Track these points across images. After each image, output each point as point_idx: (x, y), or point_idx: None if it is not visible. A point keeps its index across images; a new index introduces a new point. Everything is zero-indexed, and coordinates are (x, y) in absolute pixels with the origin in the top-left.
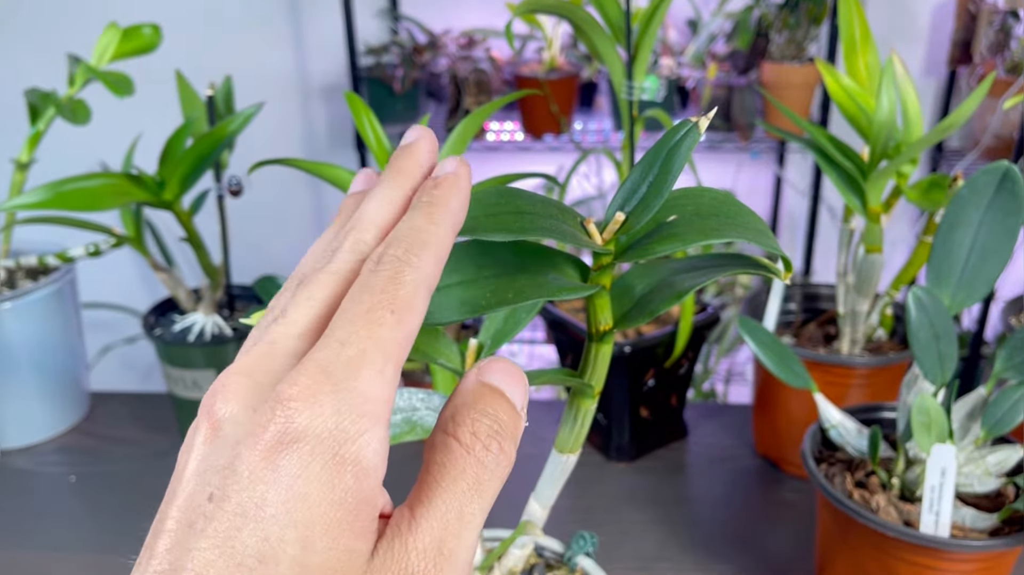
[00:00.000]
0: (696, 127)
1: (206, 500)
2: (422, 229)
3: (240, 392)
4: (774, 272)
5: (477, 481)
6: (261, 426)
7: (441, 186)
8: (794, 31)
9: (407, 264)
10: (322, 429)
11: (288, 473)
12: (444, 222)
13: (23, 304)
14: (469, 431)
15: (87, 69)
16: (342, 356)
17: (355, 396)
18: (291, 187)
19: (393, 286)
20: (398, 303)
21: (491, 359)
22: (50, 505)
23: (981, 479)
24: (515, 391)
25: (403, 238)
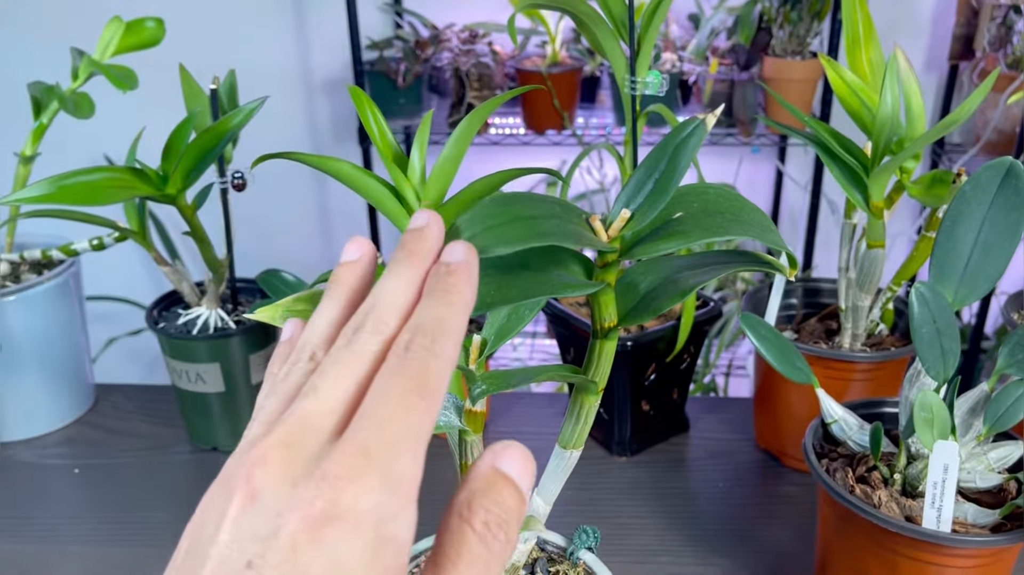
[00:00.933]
0: (703, 124)
1: (244, 566)
2: (443, 319)
3: (281, 465)
4: (779, 269)
5: (487, 566)
6: (307, 501)
7: (455, 274)
8: (796, 26)
9: (433, 354)
10: (366, 508)
11: (332, 547)
12: (461, 310)
13: (27, 297)
14: (482, 520)
15: (91, 63)
16: (382, 439)
17: (394, 477)
18: (294, 182)
19: (423, 375)
20: (427, 390)
21: (505, 445)
22: (54, 497)
23: (983, 475)
24: (524, 478)
25: (428, 329)
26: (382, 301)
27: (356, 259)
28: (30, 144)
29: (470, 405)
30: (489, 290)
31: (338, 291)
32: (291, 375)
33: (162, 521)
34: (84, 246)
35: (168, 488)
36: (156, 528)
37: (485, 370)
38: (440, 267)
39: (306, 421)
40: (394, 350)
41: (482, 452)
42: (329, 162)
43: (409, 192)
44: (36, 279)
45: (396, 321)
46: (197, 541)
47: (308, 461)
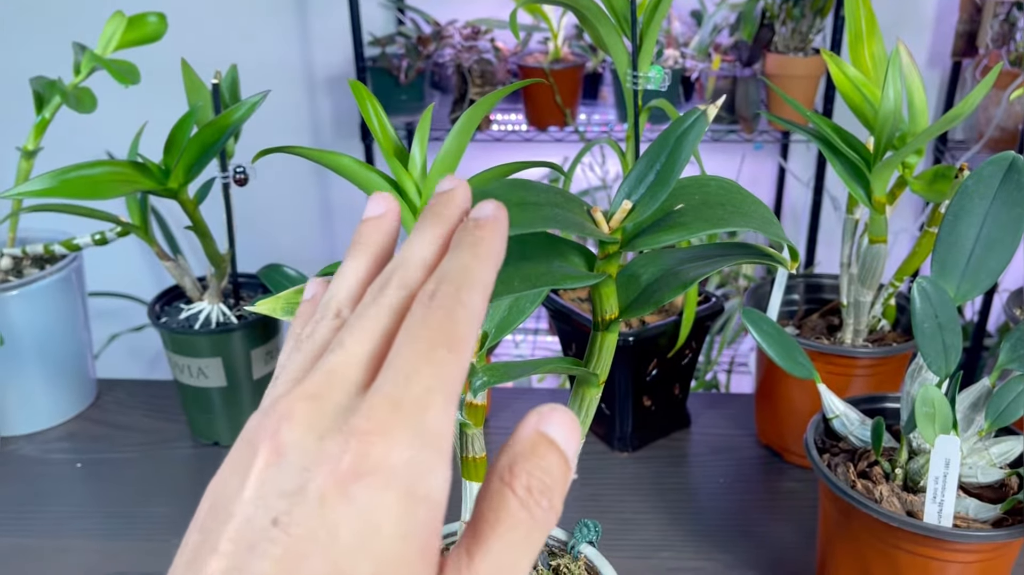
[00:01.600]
0: (704, 115)
1: (270, 524)
2: (471, 268)
3: (307, 419)
4: (780, 261)
5: (529, 533)
6: (335, 456)
7: (484, 227)
8: (798, 22)
9: (459, 302)
10: (397, 463)
11: (363, 504)
12: (489, 262)
13: (30, 292)
14: (524, 485)
15: (93, 57)
16: (411, 392)
17: (425, 432)
18: (296, 176)
19: (450, 324)
20: (455, 340)
21: (552, 408)
22: (56, 492)
23: (984, 470)
24: (570, 443)
25: (454, 276)
26: (409, 258)
27: (381, 214)
28: (32, 139)
29: (471, 397)
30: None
31: (362, 248)
32: (316, 332)
33: (164, 516)
34: (86, 240)
35: (170, 483)
36: (158, 522)
37: (486, 364)
38: (468, 222)
39: (333, 374)
40: (419, 299)
41: (527, 415)
42: (330, 156)
43: (410, 186)
44: (38, 274)
45: (422, 276)
46: (220, 498)
47: (336, 415)
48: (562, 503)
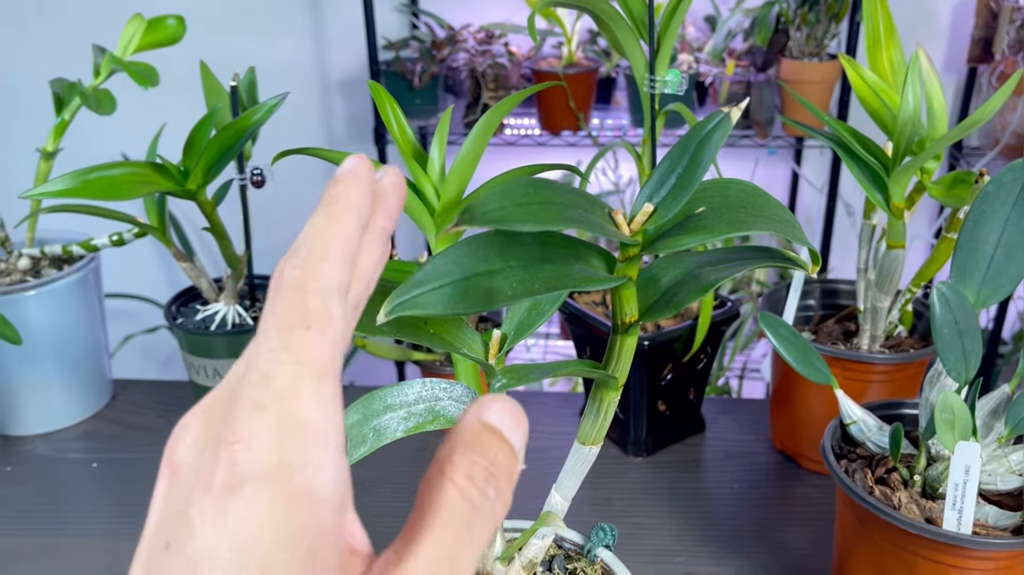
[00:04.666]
0: (727, 118)
1: (163, 550)
2: (323, 231)
3: (195, 435)
4: (802, 265)
5: (469, 526)
6: (208, 471)
7: (339, 183)
8: (813, 28)
9: (311, 274)
10: (265, 466)
11: (237, 517)
12: (346, 218)
13: (48, 292)
14: (464, 473)
15: (112, 59)
16: (272, 388)
17: (295, 426)
18: (311, 179)
19: (302, 299)
20: (311, 316)
21: (492, 396)
22: (72, 491)
23: (1004, 477)
24: (515, 432)
25: (303, 245)
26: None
27: None
28: (52, 140)
29: None
30: (511, 283)
31: None
32: None
33: None
34: (104, 241)
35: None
36: None
37: (504, 366)
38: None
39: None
40: (271, 282)
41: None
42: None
43: (428, 188)
44: (56, 274)
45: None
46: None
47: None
48: (511, 493)
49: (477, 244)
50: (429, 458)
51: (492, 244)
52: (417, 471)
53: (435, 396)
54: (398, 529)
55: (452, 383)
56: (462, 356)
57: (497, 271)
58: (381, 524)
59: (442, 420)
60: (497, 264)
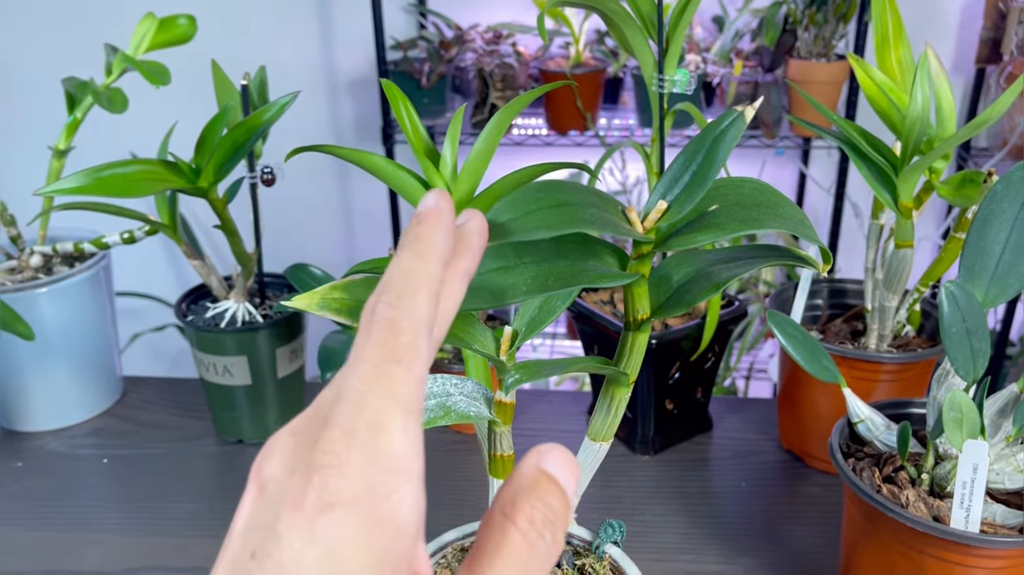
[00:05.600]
0: (741, 117)
1: (249, 558)
2: (410, 272)
3: (284, 455)
4: (813, 263)
5: (527, 566)
6: (299, 490)
7: (422, 223)
8: (821, 28)
9: (401, 309)
10: (355, 492)
11: (325, 535)
12: (429, 258)
13: (59, 289)
14: (526, 518)
15: (124, 58)
16: (363, 417)
17: (382, 455)
18: (320, 177)
19: (394, 335)
20: (402, 352)
21: (551, 447)
22: (83, 487)
23: (1012, 476)
24: (569, 481)
25: (393, 285)
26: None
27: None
28: (64, 138)
29: (501, 396)
30: (525, 279)
31: None
32: None
33: (188, 512)
34: (115, 239)
35: (195, 480)
36: (183, 519)
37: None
38: (412, 219)
39: (317, 407)
40: (363, 316)
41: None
42: (363, 156)
43: (440, 185)
44: (68, 271)
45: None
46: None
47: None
48: (564, 539)
49: (491, 242)
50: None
51: (505, 243)
52: (430, 466)
53: (446, 392)
54: None
55: (463, 379)
56: (473, 352)
57: (512, 267)
58: None
59: (453, 415)
60: (512, 260)
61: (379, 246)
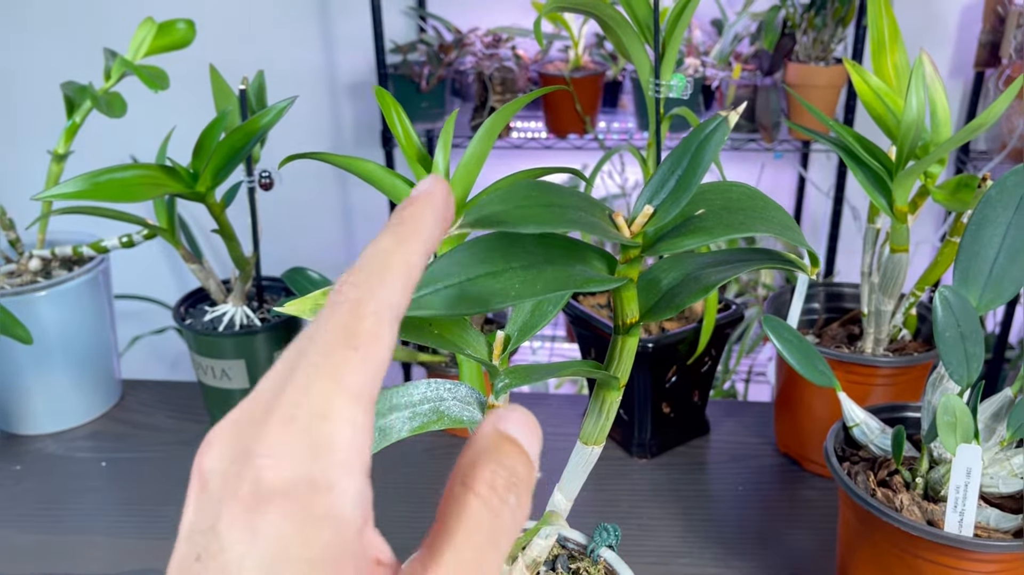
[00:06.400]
0: (725, 121)
1: (194, 560)
2: (389, 251)
3: (224, 445)
4: (801, 267)
5: (493, 533)
6: (235, 484)
7: (411, 205)
8: (820, 32)
9: (369, 293)
10: (293, 484)
11: (264, 534)
12: (414, 240)
13: (58, 293)
14: (487, 484)
15: (123, 63)
16: (307, 404)
17: (325, 445)
18: (319, 182)
19: (354, 318)
20: (359, 337)
21: (509, 408)
22: (81, 489)
23: (1006, 480)
24: (532, 442)
25: (364, 264)
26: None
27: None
28: (63, 143)
29: (493, 400)
30: (514, 284)
31: None
32: None
33: None
34: (114, 243)
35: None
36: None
37: (508, 367)
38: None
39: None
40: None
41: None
42: (356, 162)
43: None
44: (67, 275)
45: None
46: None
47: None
48: (530, 502)
49: (480, 246)
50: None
51: (495, 246)
52: (422, 471)
53: (440, 396)
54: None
55: (457, 384)
56: (466, 357)
57: (500, 272)
58: (386, 522)
59: (447, 420)
60: (500, 266)
61: None
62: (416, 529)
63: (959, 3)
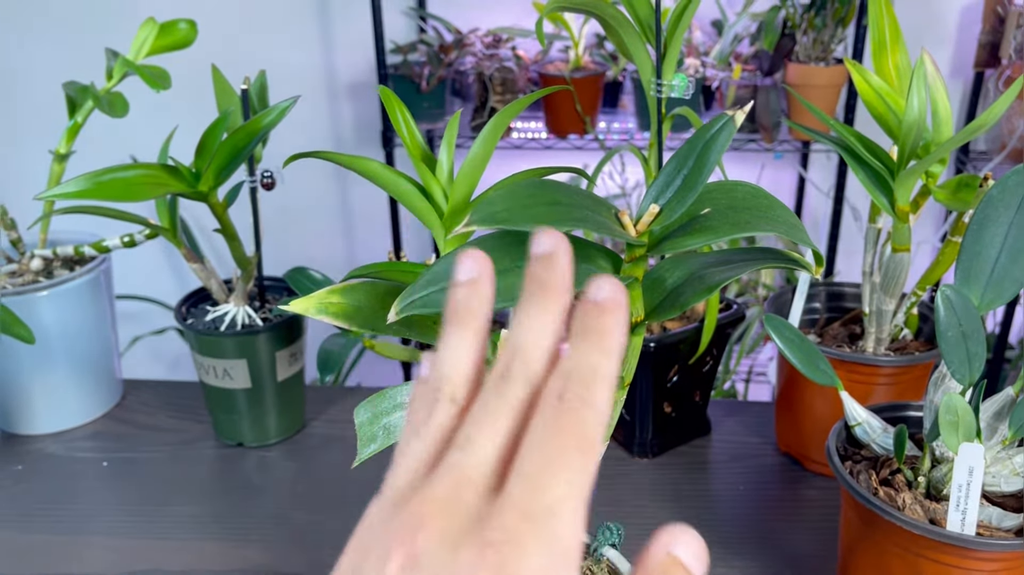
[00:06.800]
0: (732, 121)
1: None
2: (598, 366)
3: (441, 527)
4: (805, 266)
5: None
6: (469, 568)
7: (608, 313)
8: (820, 32)
9: (589, 405)
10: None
11: None
12: (615, 355)
13: (60, 292)
14: None
15: (125, 63)
16: (542, 502)
17: (556, 542)
18: (320, 182)
19: (580, 427)
20: (585, 444)
21: (682, 529)
22: (83, 489)
23: (1008, 479)
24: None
25: (583, 377)
26: (526, 344)
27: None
28: (64, 143)
29: None
30: (518, 283)
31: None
32: (434, 419)
33: (188, 515)
34: (116, 243)
35: (194, 483)
36: (182, 522)
37: None
38: (589, 306)
39: (462, 476)
40: (547, 399)
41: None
42: (360, 161)
43: (437, 190)
44: (68, 275)
45: (544, 366)
46: None
47: (468, 522)
48: None
49: (485, 245)
50: None
51: (500, 245)
52: None
53: None
54: None
55: None
56: None
57: (506, 271)
58: None
59: None
60: (505, 264)
61: (379, 249)
62: None
63: (959, 3)
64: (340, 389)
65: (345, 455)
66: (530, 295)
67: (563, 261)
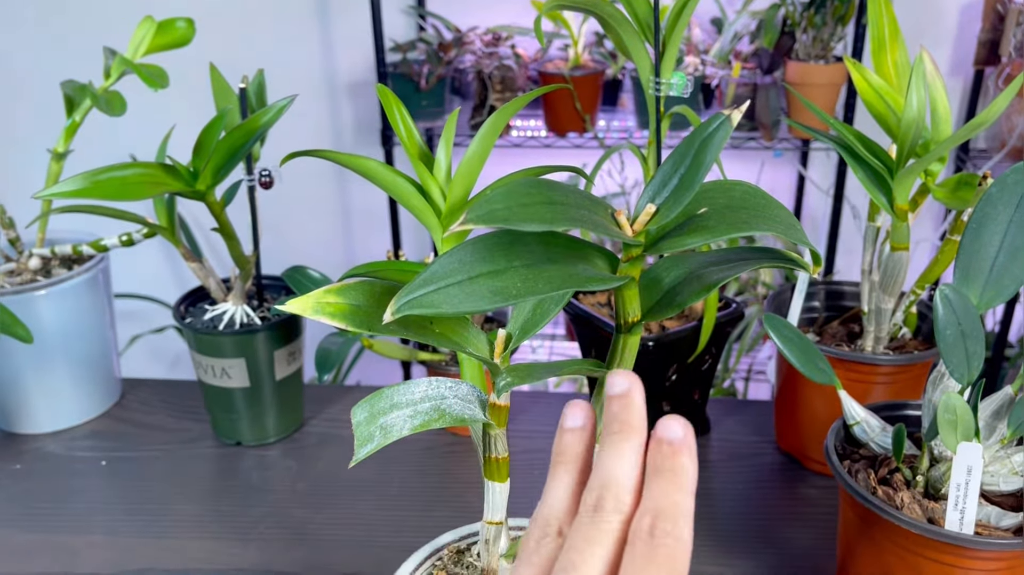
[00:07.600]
0: (728, 120)
1: None
2: (680, 503)
3: None
4: (803, 265)
5: None
6: None
7: (680, 453)
8: (819, 30)
9: (677, 539)
10: None
11: None
12: (691, 491)
13: (58, 291)
14: None
15: (123, 61)
16: None
17: None
18: (318, 181)
19: (671, 561)
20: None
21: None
22: (81, 489)
23: (1006, 478)
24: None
25: (669, 514)
26: (616, 480)
27: (580, 426)
28: (62, 141)
29: (495, 398)
30: (515, 283)
31: (569, 463)
32: (542, 549)
33: (187, 514)
34: (114, 242)
35: (193, 482)
36: (181, 520)
37: (509, 365)
38: (663, 446)
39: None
40: (637, 534)
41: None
42: (357, 160)
43: (435, 189)
44: (66, 274)
45: (632, 499)
46: None
47: None
48: None
49: (482, 244)
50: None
51: (497, 244)
52: (422, 469)
53: (441, 395)
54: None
55: (457, 382)
56: (468, 355)
57: (502, 271)
58: (387, 522)
59: (447, 418)
60: (502, 264)
61: (378, 248)
62: (417, 528)
63: (958, 1)
64: (339, 388)
65: (343, 454)
66: (613, 434)
67: (638, 401)
